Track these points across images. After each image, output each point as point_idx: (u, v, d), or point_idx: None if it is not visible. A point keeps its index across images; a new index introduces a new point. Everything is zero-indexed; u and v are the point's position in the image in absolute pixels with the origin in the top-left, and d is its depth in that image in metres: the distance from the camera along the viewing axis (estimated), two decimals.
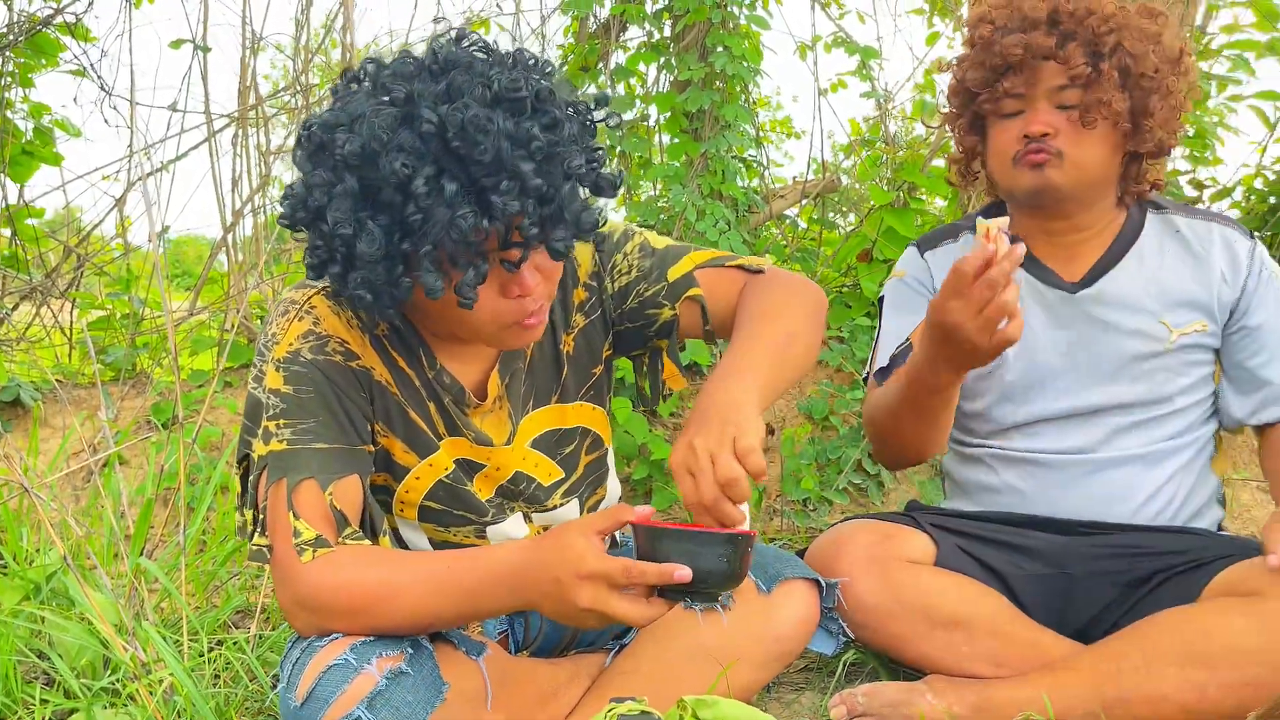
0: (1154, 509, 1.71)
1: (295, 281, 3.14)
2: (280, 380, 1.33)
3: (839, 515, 2.65)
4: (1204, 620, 1.50)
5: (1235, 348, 1.73)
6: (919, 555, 1.71)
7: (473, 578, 1.25)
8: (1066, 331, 1.74)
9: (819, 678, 1.79)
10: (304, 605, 1.27)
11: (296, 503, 1.28)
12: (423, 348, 1.42)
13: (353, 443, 1.34)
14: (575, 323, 1.53)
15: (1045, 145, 1.64)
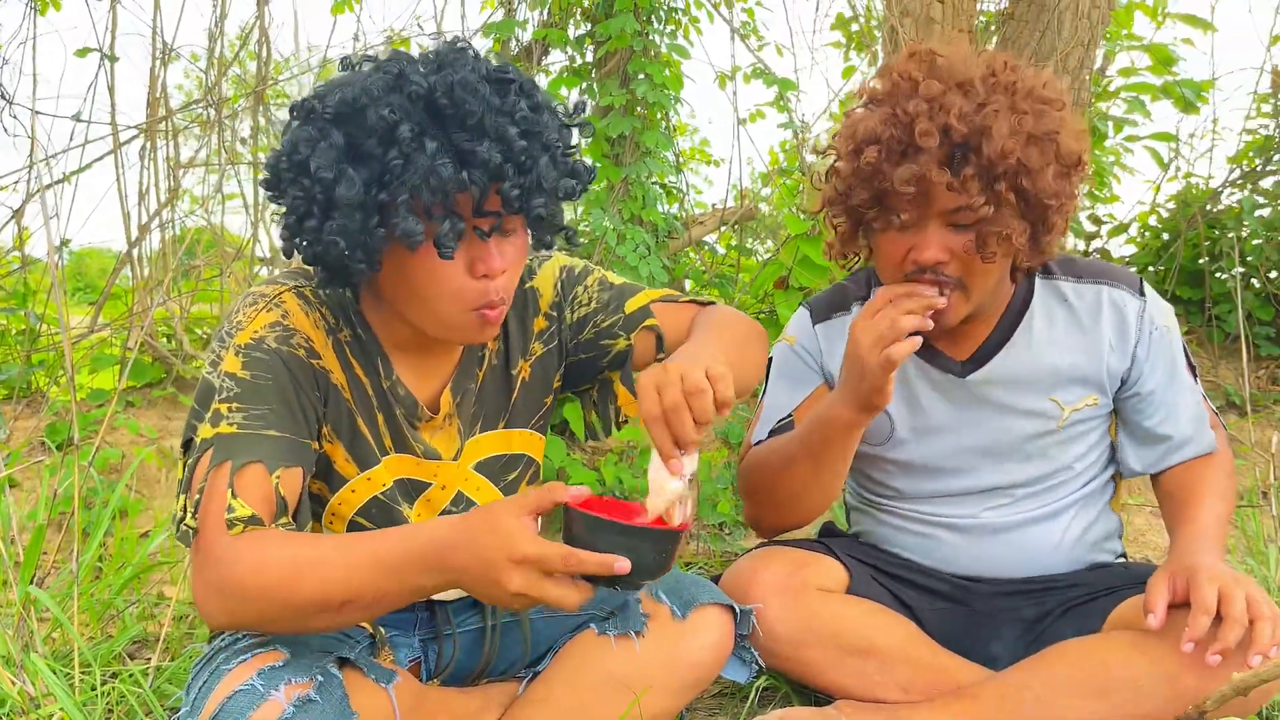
0: (1055, 561, 1.74)
1: (208, 300, 3.06)
2: (239, 365, 1.30)
3: (755, 539, 2.66)
4: (1103, 653, 1.54)
5: (1130, 409, 1.72)
6: (832, 583, 1.73)
7: (396, 554, 1.21)
8: (960, 413, 1.71)
9: (732, 703, 1.80)
10: (220, 588, 1.22)
11: (238, 483, 1.24)
12: (381, 357, 1.41)
13: (302, 436, 1.32)
14: (534, 350, 1.55)
15: (939, 273, 1.52)
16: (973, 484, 1.72)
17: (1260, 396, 3.42)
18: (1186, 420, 1.70)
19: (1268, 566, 2.31)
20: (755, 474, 1.77)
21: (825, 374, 1.79)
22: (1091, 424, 1.71)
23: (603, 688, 1.48)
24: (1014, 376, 1.68)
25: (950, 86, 1.47)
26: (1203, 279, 3.75)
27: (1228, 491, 1.69)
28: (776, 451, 1.71)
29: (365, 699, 1.30)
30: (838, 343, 1.76)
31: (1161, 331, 1.69)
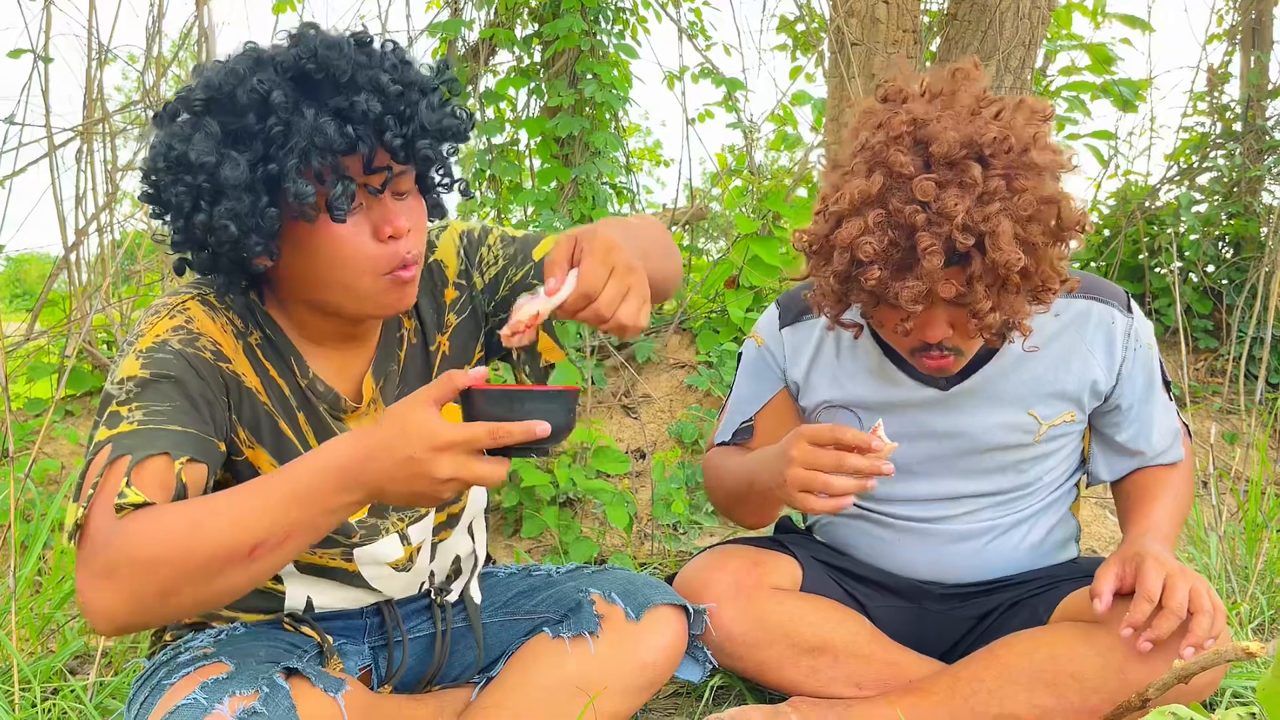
0: (1013, 565, 1.75)
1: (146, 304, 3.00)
2: (137, 367, 1.24)
3: (709, 538, 2.67)
4: (1051, 646, 1.55)
5: (1106, 423, 1.72)
6: (786, 581, 1.74)
7: (305, 481, 1.13)
8: (936, 422, 1.69)
9: (687, 703, 1.80)
10: (108, 572, 1.10)
11: (136, 475, 1.15)
12: (294, 355, 1.38)
13: (207, 433, 1.25)
14: (448, 322, 1.51)
15: (943, 347, 1.51)
16: (941, 490, 1.72)
17: (1199, 388, 3.51)
18: (1159, 436, 1.71)
19: (1208, 554, 2.36)
20: (710, 482, 1.81)
21: (787, 380, 1.78)
22: (1065, 440, 1.72)
23: (557, 691, 1.47)
24: (996, 389, 1.66)
25: (944, 176, 1.38)
26: (1143, 274, 3.83)
27: (1185, 497, 1.72)
28: (725, 475, 1.73)
29: (314, 709, 1.27)
30: (804, 348, 1.76)
31: (1144, 349, 1.69)
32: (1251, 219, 3.80)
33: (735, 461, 1.71)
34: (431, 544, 1.52)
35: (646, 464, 2.92)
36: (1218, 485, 2.55)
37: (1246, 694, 1.74)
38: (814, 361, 1.75)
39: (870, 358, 1.70)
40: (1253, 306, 3.43)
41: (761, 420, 1.79)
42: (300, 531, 1.14)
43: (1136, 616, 1.40)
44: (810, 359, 1.75)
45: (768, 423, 1.79)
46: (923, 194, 1.37)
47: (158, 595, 1.12)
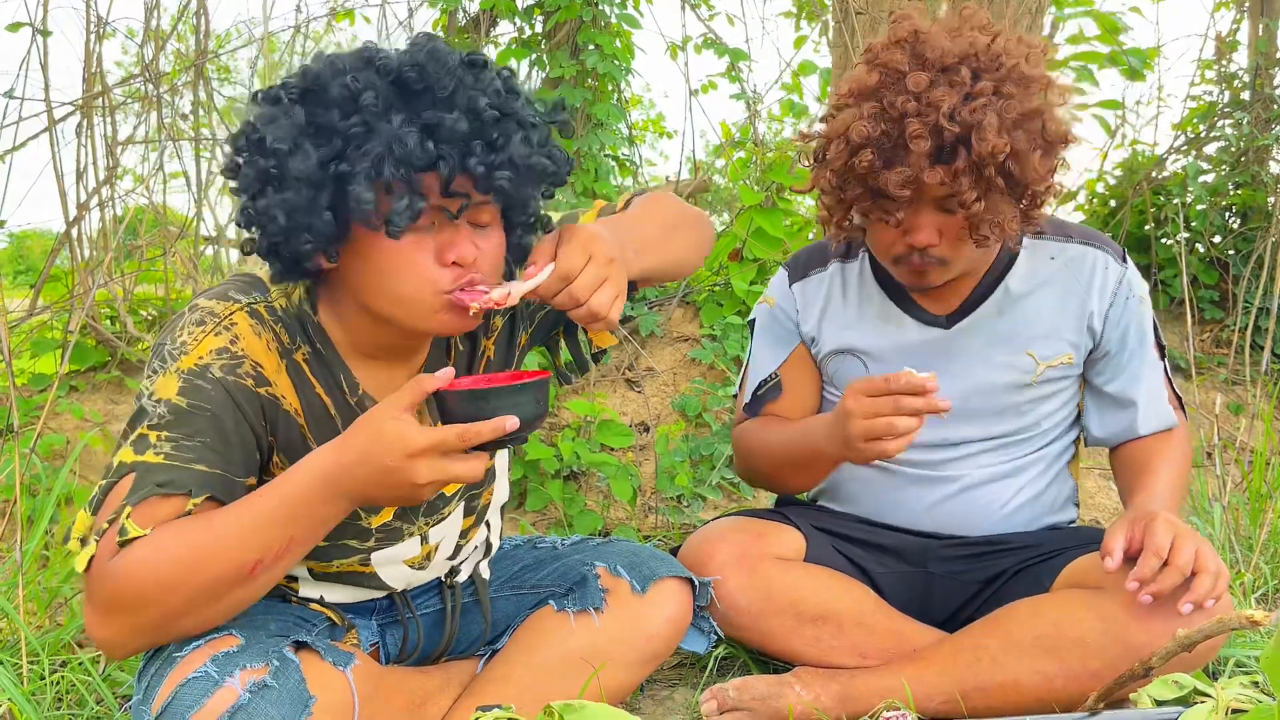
0: (1011, 521, 1.77)
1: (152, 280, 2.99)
2: (175, 390, 1.23)
3: (713, 511, 2.68)
4: (1053, 613, 1.57)
5: (1095, 372, 1.76)
6: (789, 552, 1.75)
7: (292, 498, 1.17)
8: (937, 364, 1.70)
9: (691, 674, 1.81)
10: (108, 607, 1.16)
11: (144, 507, 1.17)
12: (344, 371, 1.35)
13: (234, 473, 1.25)
14: (495, 325, 1.49)
15: (928, 256, 1.58)
16: (941, 435, 1.75)
17: (1204, 359, 3.50)
18: (1146, 390, 1.74)
19: (1212, 525, 2.36)
20: (745, 454, 1.84)
21: (801, 334, 1.84)
22: (1063, 384, 1.75)
23: (562, 664, 1.47)
24: (995, 328, 1.72)
25: (936, 75, 1.48)
26: (1149, 245, 3.81)
27: (1183, 466, 1.74)
28: (770, 446, 1.77)
29: (323, 683, 1.28)
30: (814, 301, 1.82)
31: (1136, 300, 1.74)
32: (1259, 188, 3.77)
33: (779, 433, 1.76)
34: (456, 543, 1.52)
35: (650, 437, 2.92)
36: (1222, 456, 2.55)
37: (1249, 663, 1.74)
38: (824, 313, 1.81)
39: (874, 304, 1.77)
40: (1259, 277, 3.41)
41: (786, 375, 1.85)
42: (297, 543, 1.20)
43: (1144, 571, 1.42)
44: (821, 310, 1.81)
45: (793, 378, 1.84)
46: (915, 85, 1.47)
47: (161, 622, 1.18)
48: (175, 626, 1.20)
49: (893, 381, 1.43)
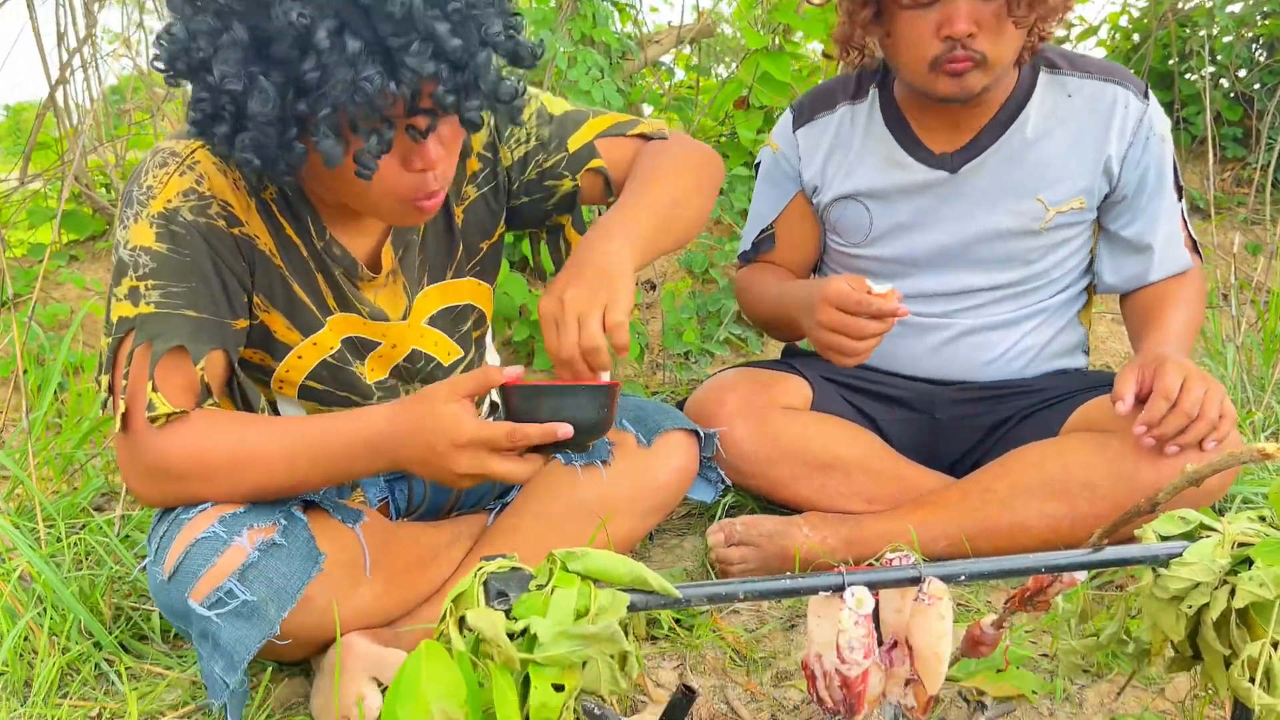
0: (1018, 365, 1.75)
1: (143, 146, 2.93)
2: (153, 238, 1.23)
3: (720, 367, 2.67)
4: (1063, 456, 1.57)
5: (1112, 217, 1.70)
6: (796, 401, 1.75)
7: (336, 443, 1.22)
8: (943, 209, 1.69)
9: (700, 523, 1.83)
10: (150, 472, 1.22)
11: (160, 372, 1.20)
12: (311, 215, 1.32)
13: (223, 316, 1.26)
14: (466, 194, 1.46)
15: (968, 48, 1.51)
16: (948, 284, 1.73)
17: (1223, 199, 3.41)
18: (1163, 234, 1.69)
19: (1224, 366, 2.35)
20: (745, 302, 1.86)
21: (802, 182, 1.80)
22: (1074, 230, 1.70)
23: (571, 515, 1.49)
24: (1005, 171, 1.66)
25: None
26: (1171, 81, 3.67)
27: (1197, 308, 1.69)
28: (761, 300, 1.79)
29: (332, 540, 1.30)
30: (817, 145, 1.78)
31: (1158, 140, 1.66)
32: None
33: (771, 290, 1.76)
34: None
35: (657, 294, 2.89)
36: (1238, 297, 2.51)
37: (1256, 499, 1.75)
38: (828, 157, 1.76)
39: (881, 145, 1.72)
40: None
41: (781, 227, 1.83)
42: (333, 481, 1.26)
43: (1153, 414, 1.42)
44: (825, 155, 1.77)
45: (787, 230, 1.83)
46: None
47: (199, 499, 1.24)
48: (213, 500, 1.24)
49: (863, 305, 1.44)
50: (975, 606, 1.55)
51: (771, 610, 1.56)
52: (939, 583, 0.97)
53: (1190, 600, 1.01)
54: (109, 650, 1.42)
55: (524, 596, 0.88)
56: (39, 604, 1.44)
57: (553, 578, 0.89)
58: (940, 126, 1.69)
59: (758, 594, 0.95)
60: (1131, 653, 1.13)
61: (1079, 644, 1.17)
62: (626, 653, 0.88)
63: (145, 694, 1.35)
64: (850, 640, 0.95)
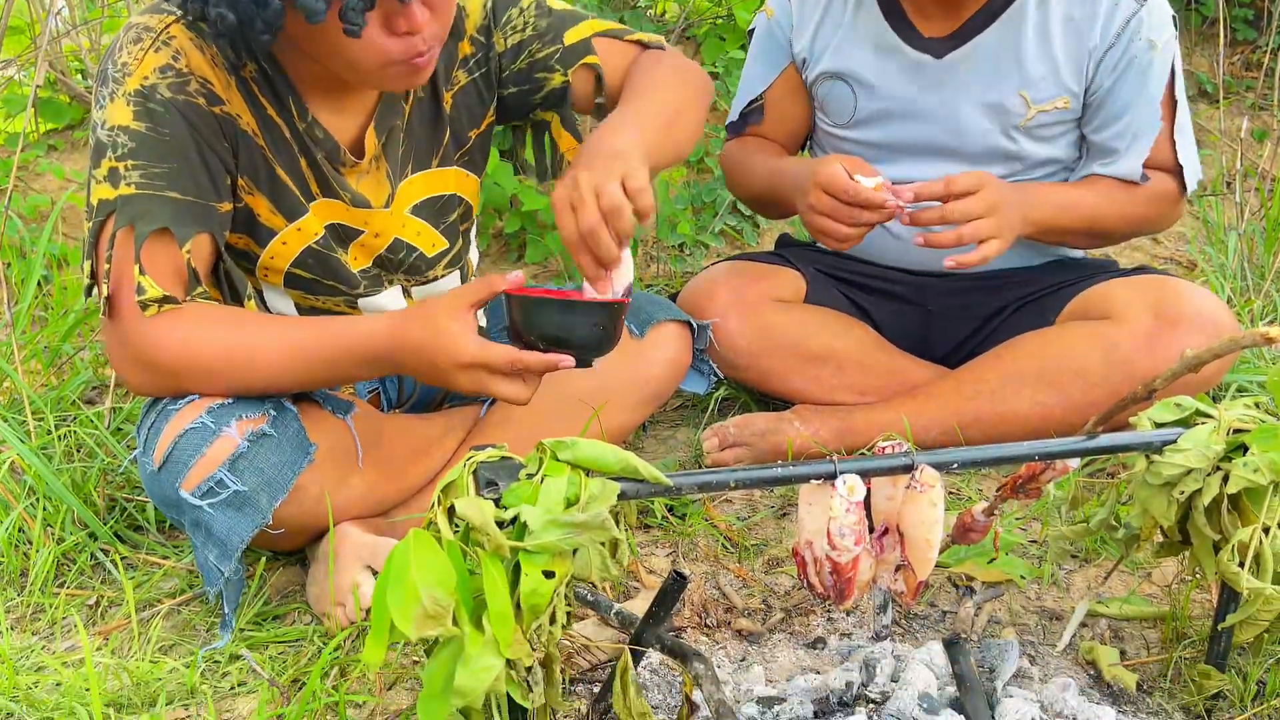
0: (1010, 256, 1.70)
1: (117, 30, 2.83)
2: (130, 116, 1.19)
3: (714, 259, 2.64)
4: (1057, 345, 1.55)
5: (1086, 119, 1.63)
6: (789, 294, 1.72)
7: (336, 350, 1.20)
8: (926, 98, 1.64)
9: (693, 415, 1.83)
10: (143, 363, 1.20)
11: (145, 256, 1.17)
12: (292, 95, 1.28)
13: (207, 198, 1.22)
14: (456, 79, 1.41)
15: None
16: (930, 174, 1.64)
17: (1232, 83, 3.32)
18: (1131, 148, 1.60)
19: (1225, 254, 2.32)
20: (732, 178, 1.83)
21: (794, 52, 1.75)
22: (1059, 129, 1.64)
23: (563, 407, 1.48)
24: (990, 63, 1.61)
25: None
26: None
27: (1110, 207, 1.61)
28: (751, 176, 1.75)
29: (323, 431, 1.29)
30: (810, 17, 1.72)
31: (1143, 46, 1.57)
32: None
33: (762, 167, 1.73)
34: None
35: (651, 185, 2.84)
36: (1242, 184, 2.46)
37: (1252, 388, 1.75)
38: (819, 28, 1.71)
39: (871, 25, 1.67)
40: None
41: (770, 100, 1.79)
42: (327, 384, 1.26)
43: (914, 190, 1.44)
44: (816, 24, 1.72)
45: (777, 102, 1.78)
46: None
47: (191, 390, 1.23)
48: (206, 393, 1.23)
49: (853, 193, 1.43)
50: (966, 495, 1.56)
51: (763, 499, 1.57)
52: (932, 470, 0.97)
53: (1183, 486, 1.01)
54: (104, 540, 1.43)
55: (514, 485, 0.87)
56: (31, 495, 1.44)
57: (543, 467, 0.88)
58: (934, 11, 1.62)
59: (749, 482, 0.95)
60: (1120, 538, 1.14)
61: (1068, 530, 1.18)
62: (617, 540, 0.88)
63: (142, 583, 1.36)
64: (841, 527, 0.95)
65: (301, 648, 1.23)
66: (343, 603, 1.25)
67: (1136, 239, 2.24)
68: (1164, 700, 1.12)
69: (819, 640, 1.22)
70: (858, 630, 1.23)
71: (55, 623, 1.29)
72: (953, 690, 1.06)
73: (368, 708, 1.12)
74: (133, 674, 1.16)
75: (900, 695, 1.04)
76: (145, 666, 1.18)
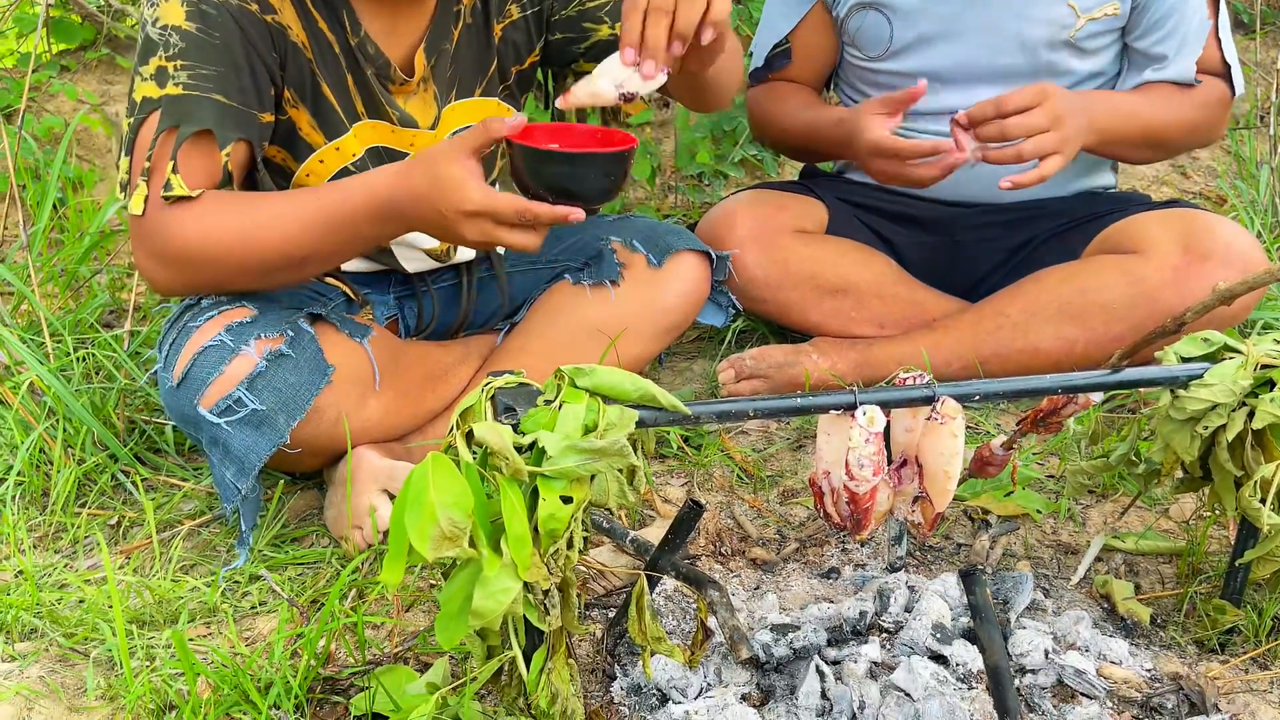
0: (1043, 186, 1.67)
1: None
2: (183, 16, 1.18)
3: (735, 189, 2.60)
4: (1082, 279, 1.53)
5: (1130, 27, 1.59)
6: (810, 224, 1.70)
7: (343, 211, 1.19)
8: (967, 16, 1.59)
9: (710, 346, 1.82)
10: (164, 257, 1.20)
11: (182, 156, 1.18)
12: (346, 8, 1.28)
13: (252, 106, 1.23)
14: (509, 12, 1.41)
15: None
16: (970, 101, 1.62)
17: (1270, 14, 3.22)
18: (1181, 53, 1.57)
19: (1257, 190, 2.27)
20: (761, 124, 1.78)
21: None
22: (1105, 39, 1.60)
23: (580, 334, 1.48)
24: None
25: None
26: None
27: (1164, 108, 1.57)
28: (775, 123, 1.71)
29: (340, 353, 1.29)
30: None
31: None
32: None
33: (794, 120, 1.69)
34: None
35: (670, 113, 2.79)
36: (1277, 118, 2.40)
37: (1278, 324, 1.73)
38: None
39: None
40: None
41: (798, 40, 1.73)
42: (348, 248, 1.24)
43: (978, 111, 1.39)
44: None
45: (804, 43, 1.73)
46: None
47: (211, 283, 1.24)
48: (225, 287, 1.25)
49: (907, 151, 1.41)
50: (984, 429, 1.55)
51: (779, 431, 1.57)
52: (953, 402, 0.96)
53: (1207, 421, 1.00)
54: (125, 462, 1.44)
55: (532, 411, 0.87)
56: (51, 417, 1.45)
57: (561, 393, 0.87)
58: None
59: (768, 411, 0.94)
60: (1140, 473, 1.13)
61: (1087, 464, 1.17)
62: (635, 467, 0.88)
63: (162, 504, 1.37)
64: (860, 458, 0.94)
65: (319, 569, 1.25)
66: (360, 525, 1.26)
67: (1165, 172, 2.20)
68: (1177, 634, 1.13)
69: (833, 570, 1.22)
70: (872, 561, 1.23)
71: (77, 541, 1.31)
72: (966, 621, 1.06)
73: (385, 628, 1.13)
74: (154, 592, 1.18)
75: (914, 625, 1.05)
76: (166, 585, 1.20)
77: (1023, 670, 1.03)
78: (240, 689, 0.99)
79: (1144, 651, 1.09)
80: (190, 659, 0.98)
